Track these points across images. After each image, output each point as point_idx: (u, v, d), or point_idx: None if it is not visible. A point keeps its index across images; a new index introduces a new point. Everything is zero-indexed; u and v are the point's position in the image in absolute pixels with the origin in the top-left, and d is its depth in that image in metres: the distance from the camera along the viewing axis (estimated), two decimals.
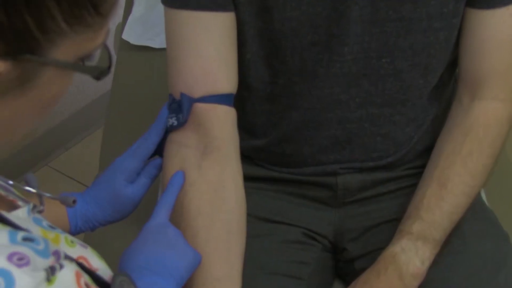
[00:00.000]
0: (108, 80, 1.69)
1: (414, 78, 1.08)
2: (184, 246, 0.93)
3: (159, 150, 1.07)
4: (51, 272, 0.63)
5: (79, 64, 0.67)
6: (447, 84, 1.16)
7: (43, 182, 2.36)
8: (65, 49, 0.63)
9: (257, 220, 1.15)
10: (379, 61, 1.06)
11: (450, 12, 1.03)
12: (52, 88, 0.66)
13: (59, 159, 2.50)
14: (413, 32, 1.03)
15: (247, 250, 1.02)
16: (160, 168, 1.06)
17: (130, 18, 1.77)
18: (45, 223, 0.73)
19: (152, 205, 1.28)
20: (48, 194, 0.85)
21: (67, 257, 0.68)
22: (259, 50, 1.07)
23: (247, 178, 1.10)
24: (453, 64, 1.13)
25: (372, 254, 1.09)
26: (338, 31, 1.02)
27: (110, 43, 2.00)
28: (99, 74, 0.70)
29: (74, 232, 1.02)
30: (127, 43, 1.73)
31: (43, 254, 0.63)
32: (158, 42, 1.71)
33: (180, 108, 1.02)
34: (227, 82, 1.04)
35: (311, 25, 1.02)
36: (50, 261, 0.64)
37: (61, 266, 0.65)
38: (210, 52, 1.02)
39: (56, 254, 0.65)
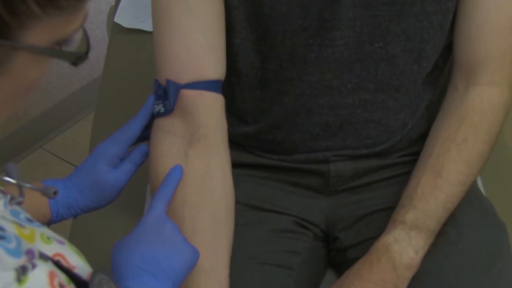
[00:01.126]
0: (103, 62, 1.67)
1: (408, 63, 1.06)
2: (182, 242, 0.90)
3: (147, 137, 1.05)
4: (22, 272, 0.61)
5: (54, 49, 0.64)
6: (442, 70, 1.14)
7: (38, 165, 2.36)
8: (39, 33, 0.60)
9: (247, 208, 1.13)
10: (372, 46, 1.04)
11: None
12: (28, 74, 0.63)
13: (54, 141, 2.49)
14: (406, 16, 1.01)
15: (236, 239, 1.01)
16: (146, 154, 1.04)
17: (123, 0, 1.74)
18: (23, 216, 0.71)
19: (138, 193, 1.27)
20: (28, 185, 0.82)
21: (42, 256, 0.66)
22: (248, 35, 1.04)
23: (237, 165, 1.08)
24: (448, 49, 1.10)
25: (365, 243, 1.07)
26: (330, 16, 1.00)
27: (103, 25, 1.98)
28: (76, 59, 0.67)
29: (55, 219, 1.00)
30: (119, 26, 1.71)
31: (14, 253, 0.61)
32: (150, 24, 1.68)
33: (166, 95, 1.00)
34: (214, 68, 1.01)
35: (302, 10, 1.00)
36: (22, 260, 0.61)
37: (34, 266, 0.62)
38: (196, 38, 1.00)
39: (30, 253, 0.63)
